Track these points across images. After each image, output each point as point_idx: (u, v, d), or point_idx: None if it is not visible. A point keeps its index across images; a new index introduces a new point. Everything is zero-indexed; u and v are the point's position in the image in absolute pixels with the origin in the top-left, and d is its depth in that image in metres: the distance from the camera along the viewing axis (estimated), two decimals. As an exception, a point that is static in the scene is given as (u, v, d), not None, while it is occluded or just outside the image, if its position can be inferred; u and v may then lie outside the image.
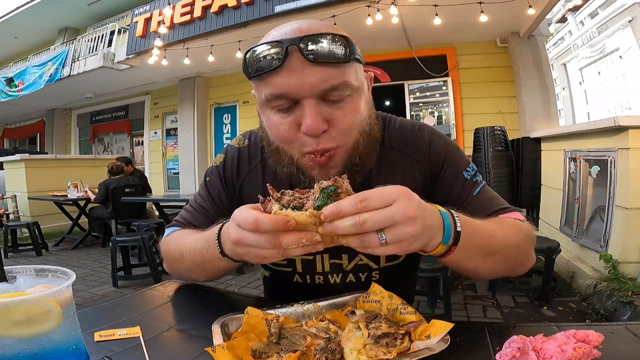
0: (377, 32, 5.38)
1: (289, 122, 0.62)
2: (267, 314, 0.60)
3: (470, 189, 0.74)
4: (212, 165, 0.85)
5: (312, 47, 0.58)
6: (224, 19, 5.80)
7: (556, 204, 3.61)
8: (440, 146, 0.76)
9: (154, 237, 3.60)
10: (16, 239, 4.92)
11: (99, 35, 7.76)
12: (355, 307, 0.64)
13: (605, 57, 16.74)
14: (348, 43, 0.61)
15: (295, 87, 0.59)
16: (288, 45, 0.59)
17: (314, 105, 0.60)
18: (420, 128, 0.78)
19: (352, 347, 0.51)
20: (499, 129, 4.62)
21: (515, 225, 0.69)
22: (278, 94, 0.61)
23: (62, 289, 0.42)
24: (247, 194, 0.80)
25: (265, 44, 0.61)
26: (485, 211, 0.71)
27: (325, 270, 0.79)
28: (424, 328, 0.53)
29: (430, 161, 0.75)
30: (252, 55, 0.62)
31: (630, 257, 2.54)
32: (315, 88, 0.60)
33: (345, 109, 0.63)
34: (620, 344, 0.53)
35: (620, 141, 2.59)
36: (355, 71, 0.64)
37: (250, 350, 0.53)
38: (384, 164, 0.75)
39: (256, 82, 0.65)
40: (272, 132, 0.67)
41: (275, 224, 0.47)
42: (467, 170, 0.75)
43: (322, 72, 0.59)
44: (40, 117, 11.38)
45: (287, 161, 0.68)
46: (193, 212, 0.84)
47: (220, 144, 8.26)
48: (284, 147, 0.67)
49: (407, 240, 0.47)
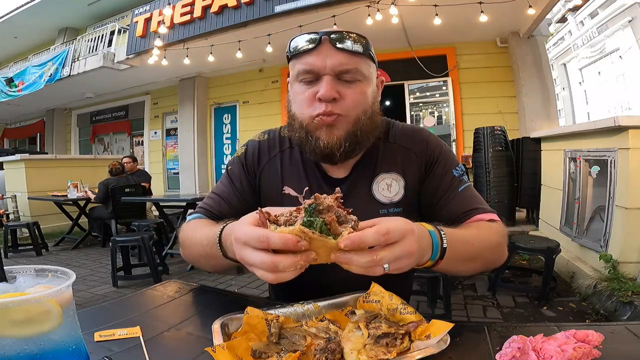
0: (377, 32, 5.38)
1: (310, 92, 0.79)
2: (267, 314, 0.60)
3: (457, 185, 0.85)
4: (234, 156, 0.96)
5: (339, 39, 0.77)
6: (224, 19, 5.80)
7: (556, 204, 3.61)
8: (435, 144, 0.89)
9: (154, 237, 3.60)
10: (16, 239, 4.91)
11: (99, 35, 7.75)
12: (356, 307, 0.64)
13: (605, 57, 16.74)
14: (365, 42, 0.79)
15: (321, 65, 0.77)
16: (322, 35, 0.78)
17: (330, 79, 0.77)
18: (420, 129, 0.93)
19: (352, 347, 0.51)
20: (499, 129, 4.62)
21: (491, 227, 0.79)
22: (308, 69, 0.78)
23: (62, 289, 0.42)
24: (265, 180, 0.91)
25: (306, 35, 0.79)
26: (465, 207, 0.83)
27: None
28: (424, 328, 0.53)
29: (426, 155, 0.88)
30: (295, 41, 0.80)
31: (630, 257, 2.54)
32: (334, 67, 0.77)
33: (354, 89, 0.79)
34: (621, 344, 0.53)
35: (620, 141, 2.59)
36: (367, 65, 0.81)
37: (250, 350, 0.53)
38: (388, 155, 0.88)
39: (293, 61, 0.82)
40: (295, 99, 0.82)
41: (284, 243, 0.49)
42: (456, 169, 0.87)
43: (342, 57, 0.77)
44: (40, 117, 11.38)
45: (298, 126, 0.81)
46: (216, 198, 0.91)
47: (221, 143, 8.26)
48: (298, 113, 0.81)
49: (404, 268, 0.54)
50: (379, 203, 0.85)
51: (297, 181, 0.87)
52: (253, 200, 0.90)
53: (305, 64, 0.78)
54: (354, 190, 0.86)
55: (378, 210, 0.84)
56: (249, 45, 5.92)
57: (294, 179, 0.88)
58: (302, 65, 0.79)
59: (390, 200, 0.85)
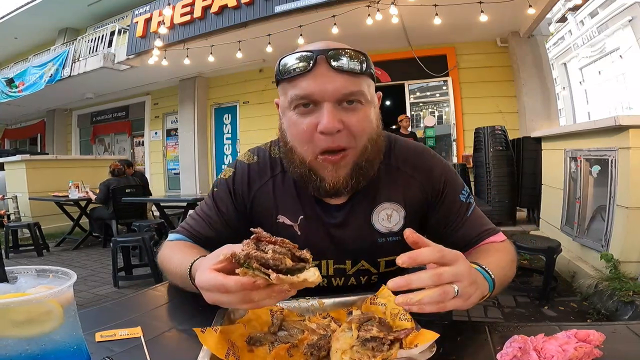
0: (377, 32, 5.38)
1: (308, 123, 0.70)
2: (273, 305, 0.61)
3: (465, 211, 0.82)
4: (220, 177, 0.89)
5: (336, 59, 0.68)
6: (224, 19, 5.80)
7: (557, 204, 3.61)
8: (440, 171, 0.83)
9: (154, 237, 3.60)
10: (17, 240, 4.91)
11: (99, 35, 7.76)
12: (362, 307, 0.64)
13: (605, 57, 16.72)
14: (366, 59, 0.71)
15: (319, 90, 0.68)
16: (317, 55, 0.68)
17: (331, 108, 0.68)
18: (422, 151, 0.86)
19: (339, 346, 0.51)
20: (499, 129, 4.62)
21: (505, 248, 0.79)
22: (303, 95, 0.69)
23: (63, 290, 0.42)
24: (258, 209, 0.85)
25: (298, 53, 0.70)
26: (476, 231, 0.81)
27: (330, 274, 0.84)
28: (413, 337, 0.52)
29: (431, 184, 0.82)
30: (285, 62, 0.71)
31: (631, 256, 2.54)
32: (335, 92, 0.68)
33: (358, 115, 0.71)
34: (622, 344, 0.53)
35: (620, 141, 2.59)
36: (368, 85, 0.73)
37: (247, 337, 0.54)
38: (390, 182, 0.82)
39: (284, 85, 0.73)
40: (291, 131, 0.74)
41: (241, 287, 0.49)
42: (462, 193, 0.83)
43: (343, 80, 0.68)
44: (40, 118, 11.39)
45: (298, 162, 0.74)
46: (198, 220, 0.86)
47: (221, 144, 8.27)
48: (298, 148, 0.73)
49: (473, 295, 0.55)
50: (378, 232, 0.81)
51: (292, 209, 0.82)
52: (239, 225, 0.85)
53: (300, 89, 0.69)
54: (352, 217, 0.81)
55: (376, 239, 0.82)
56: (249, 45, 5.92)
57: (288, 206, 0.83)
58: (295, 91, 0.70)
59: (389, 230, 0.81)
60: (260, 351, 0.54)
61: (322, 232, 0.82)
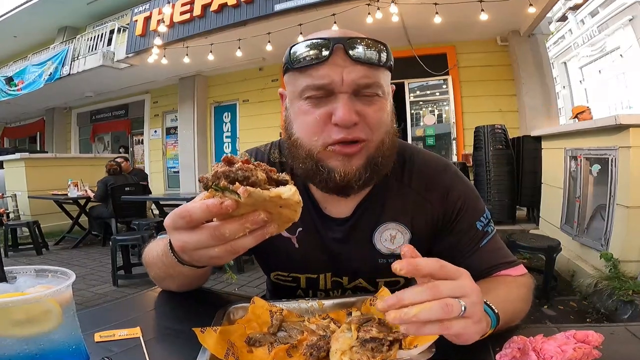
0: (377, 30, 5.36)
1: (321, 113, 0.65)
2: (272, 306, 0.61)
3: (479, 240, 0.73)
4: None
5: (355, 48, 0.64)
6: (223, 18, 5.80)
7: (557, 203, 3.61)
8: (458, 194, 0.75)
9: (154, 235, 3.59)
10: (16, 238, 4.92)
11: (99, 34, 7.75)
12: (361, 309, 0.64)
13: (605, 56, 16.72)
14: (386, 50, 0.67)
15: (336, 80, 0.63)
16: (335, 43, 0.64)
17: (347, 99, 0.63)
18: (443, 170, 0.78)
19: (338, 347, 0.51)
20: (499, 128, 4.62)
21: (520, 282, 0.71)
22: (319, 85, 0.64)
23: (62, 289, 0.42)
24: None
25: (313, 40, 0.65)
26: (487, 263, 0.72)
27: (327, 287, 0.83)
28: (413, 337, 0.52)
29: (445, 205, 0.75)
30: (297, 49, 0.66)
31: (631, 255, 2.54)
32: (352, 83, 0.64)
33: (375, 106, 0.66)
34: (620, 345, 0.53)
35: (621, 140, 2.59)
36: (386, 77, 0.69)
37: (246, 337, 0.54)
38: (400, 199, 0.76)
39: (294, 74, 0.67)
40: (299, 122, 0.68)
41: (207, 210, 0.44)
42: (481, 220, 0.75)
43: (361, 70, 0.64)
44: (40, 116, 11.38)
45: (304, 155, 0.68)
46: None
47: (221, 142, 8.26)
48: (305, 139, 0.67)
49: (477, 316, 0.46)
50: (379, 252, 0.76)
51: None
52: None
53: (315, 78, 0.64)
54: (354, 233, 0.76)
55: (377, 259, 0.76)
56: (249, 43, 5.91)
57: None
58: (309, 80, 0.65)
59: (391, 251, 0.76)
60: (259, 352, 0.54)
61: (321, 247, 0.78)
